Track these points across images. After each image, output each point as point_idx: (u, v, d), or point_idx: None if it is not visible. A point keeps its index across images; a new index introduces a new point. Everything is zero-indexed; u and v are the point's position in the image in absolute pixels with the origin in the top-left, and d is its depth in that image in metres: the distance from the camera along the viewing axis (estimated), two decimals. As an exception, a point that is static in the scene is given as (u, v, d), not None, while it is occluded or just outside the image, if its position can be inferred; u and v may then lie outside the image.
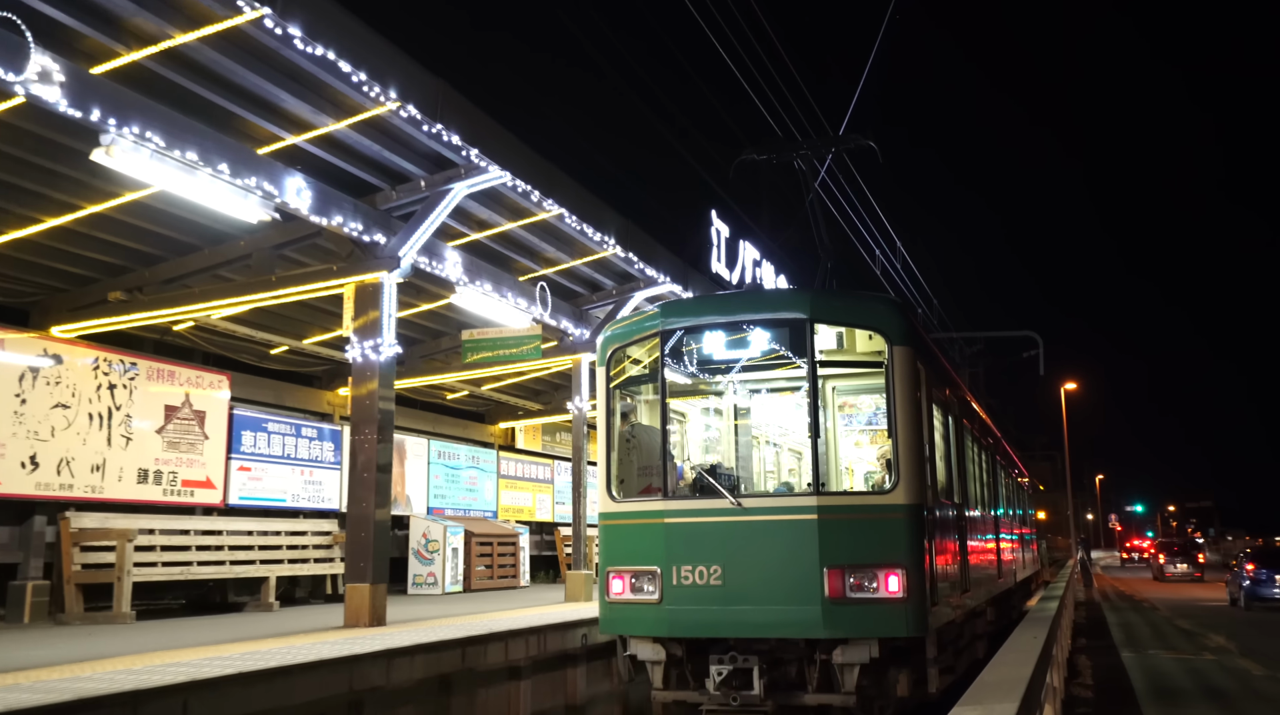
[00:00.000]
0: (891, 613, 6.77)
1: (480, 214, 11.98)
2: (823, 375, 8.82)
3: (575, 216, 12.00)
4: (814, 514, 6.92)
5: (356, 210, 10.16)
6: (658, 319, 7.67)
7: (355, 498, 10.07)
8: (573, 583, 14.58)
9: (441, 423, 19.85)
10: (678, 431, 9.61)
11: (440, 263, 11.63)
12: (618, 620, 7.47)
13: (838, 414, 9.95)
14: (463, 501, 19.75)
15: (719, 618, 7.01)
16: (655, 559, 7.16)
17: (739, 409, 9.70)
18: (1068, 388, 47.17)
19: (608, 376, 7.88)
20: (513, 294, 13.21)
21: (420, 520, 17.44)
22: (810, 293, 7.91)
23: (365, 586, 9.82)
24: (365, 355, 10.32)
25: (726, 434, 9.68)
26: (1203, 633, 17.74)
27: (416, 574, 17.21)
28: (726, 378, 9.22)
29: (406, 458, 18.02)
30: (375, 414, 10.19)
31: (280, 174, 9.17)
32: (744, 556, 7.00)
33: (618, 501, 7.61)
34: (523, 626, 10.03)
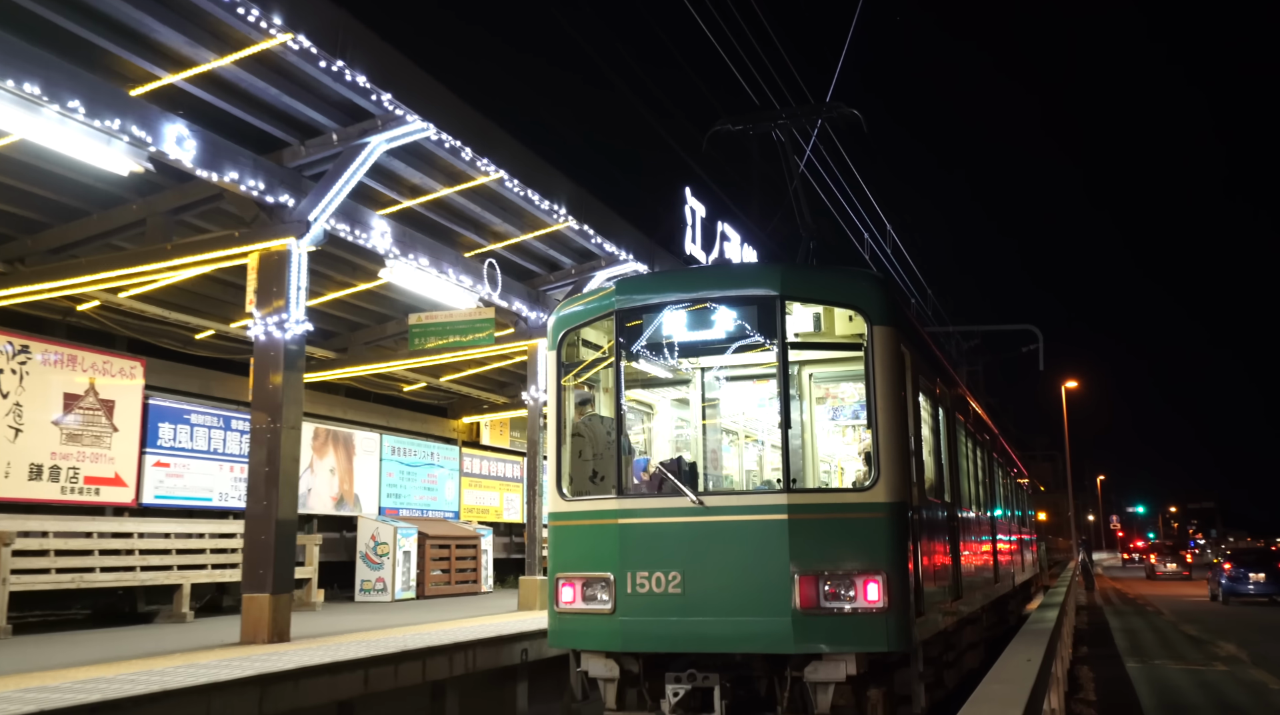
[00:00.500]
0: (871, 624, 6.12)
1: (411, 178, 10.74)
2: (799, 360, 8.27)
3: (518, 181, 10.78)
4: (784, 514, 6.26)
5: (257, 167, 8.92)
6: (612, 297, 6.96)
7: (255, 495, 8.86)
8: (526, 589, 13.37)
9: (397, 416, 18.62)
10: (644, 425, 9.05)
11: (365, 232, 10.40)
12: (567, 632, 6.79)
13: (820, 406, 9.27)
14: (420, 501, 18.51)
15: (678, 630, 6.34)
16: (608, 564, 6.50)
17: (707, 399, 8.94)
18: (1068, 386, 46.46)
19: (559, 362, 7.22)
20: (455, 271, 11.97)
21: (369, 521, 16.21)
22: (781, 266, 7.26)
23: (264, 597, 8.61)
24: (269, 332, 9.10)
25: (694, 426, 8.97)
26: (1211, 640, 16.73)
27: (364, 579, 15.99)
28: (691, 363, 8.49)
29: (355, 454, 16.79)
30: (279, 399, 8.96)
31: (156, 118, 7.94)
32: (707, 562, 6.34)
33: (568, 500, 6.94)
34: (446, 642, 8.84)
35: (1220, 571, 26.79)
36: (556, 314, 7.36)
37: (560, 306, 7.43)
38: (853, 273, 7.48)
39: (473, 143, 9.83)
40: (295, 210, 9.29)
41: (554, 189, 11.46)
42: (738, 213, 22.11)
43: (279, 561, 8.78)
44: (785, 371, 6.57)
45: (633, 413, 8.81)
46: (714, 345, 7.32)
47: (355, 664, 7.68)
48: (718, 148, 18.97)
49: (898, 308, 6.90)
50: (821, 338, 7.87)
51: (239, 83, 8.47)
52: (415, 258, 11.24)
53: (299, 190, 9.41)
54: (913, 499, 6.69)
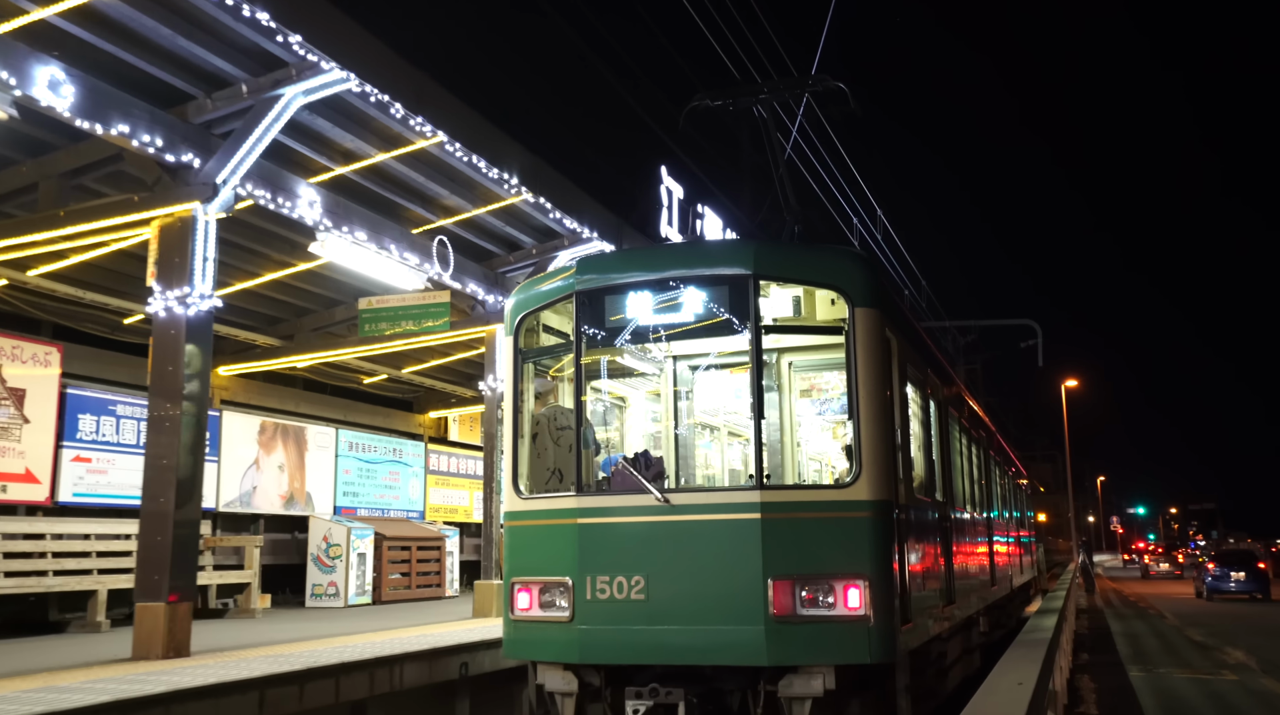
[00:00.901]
0: (851, 634, 5.73)
1: (342, 141, 9.76)
2: (777, 347, 7.88)
3: (460, 145, 9.78)
4: (756, 512, 5.86)
5: (154, 120, 7.93)
6: (572, 277, 6.52)
7: (151, 491, 7.87)
8: (481, 595, 12.41)
9: (357, 410, 17.62)
10: (616, 419, 8.73)
11: (291, 200, 9.40)
12: (523, 642, 6.35)
13: (806, 399, 8.92)
14: (380, 500, 17.53)
15: (642, 640, 5.92)
16: (566, 568, 6.10)
17: (680, 390, 8.47)
18: (1068, 385, 45.94)
19: (516, 349, 6.78)
20: (400, 247, 10.99)
21: (321, 521, 15.23)
22: (755, 244, 6.81)
23: (159, 607, 7.64)
24: (170, 309, 8.09)
25: (665, 419, 8.45)
26: (1218, 646, 16.01)
27: (316, 583, 15.01)
28: (662, 350, 8.02)
29: (308, 449, 15.79)
30: (180, 383, 7.95)
31: (23, 58, 6.95)
32: (673, 565, 5.93)
33: (525, 499, 6.53)
34: (368, 656, 7.87)
35: (1204, 570, 29.04)
36: (514, 297, 6.93)
37: (518, 289, 7.02)
38: (833, 250, 7.05)
39: (403, 98, 8.85)
40: (201, 172, 8.31)
41: (504, 156, 10.47)
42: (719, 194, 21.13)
43: (177, 566, 7.82)
44: (759, 357, 6.18)
45: (602, 405, 8.45)
46: (684, 330, 6.86)
47: (249, 684, 6.72)
48: (696, 125, 18.05)
49: (883, 289, 6.46)
50: (802, 323, 7.38)
51: (128, 23, 7.50)
52: (351, 231, 10.24)
53: (206, 149, 8.42)
54: (899, 497, 6.29)
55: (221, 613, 12.96)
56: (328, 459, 16.20)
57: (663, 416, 8.37)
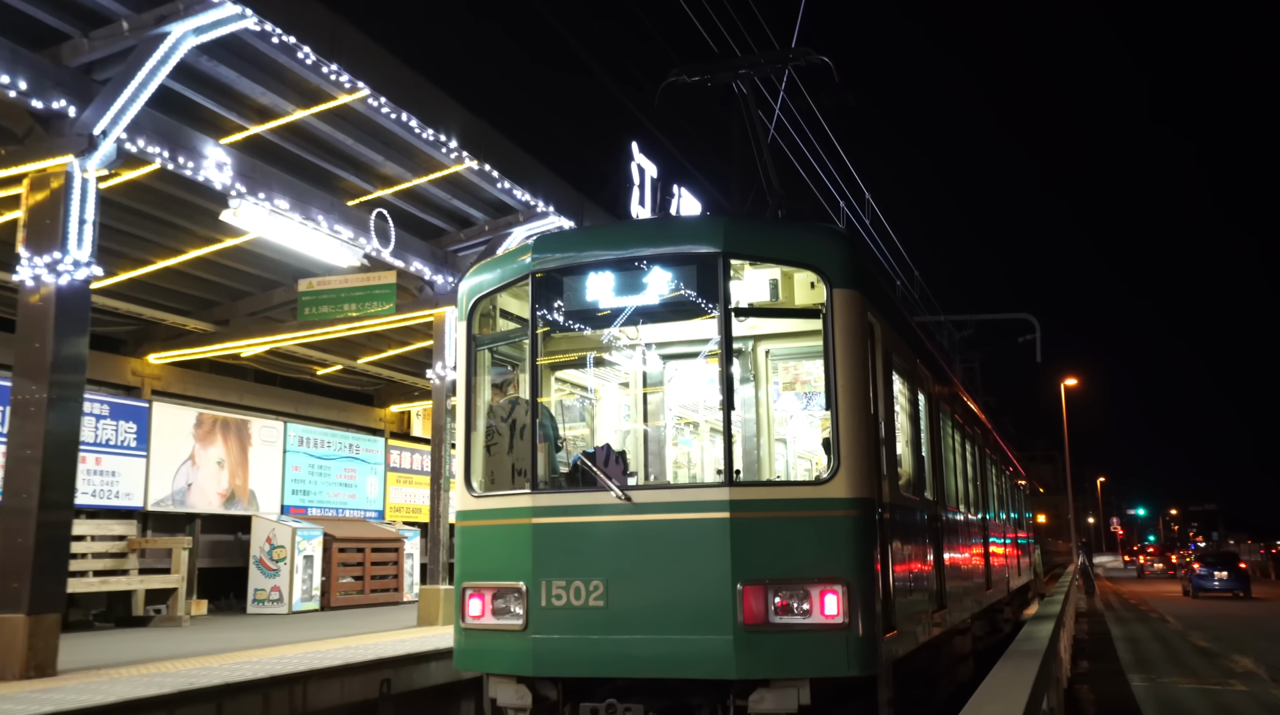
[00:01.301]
0: (829, 644, 5.38)
1: (254, 95, 8.78)
2: (753, 334, 7.42)
3: (387, 100, 8.78)
4: (725, 511, 5.51)
5: (16, 60, 6.94)
6: (528, 257, 6.16)
7: (13, 485, 6.86)
8: (426, 601, 11.43)
9: (310, 404, 16.63)
10: (587, 413, 8.39)
11: (195, 160, 8.41)
12: (474, 652, 5.99)
13: (790, 392, 8.64)
14: (335, 499, 16.52)
15: (601, 651, 5.57)
16: (520, 572, 5.77)
17: (649, 380, 8.02)
18: (1068, 384, 45.33)
19: (469, 335, 6.41)
20: (330, 219, 10.01)
21: (265, 521, 14.22)
22: (725, 219, 6.53)
23: (18, 619, 6.68)
24: (38, 277, 7.10)
25: (633, 412, 8.05)
26: (1224, 652, 15.15)
27: (258, 588, 14.02)
28: (625, 334, 7.51)
29: (252, 444, 14.78)
30: (48, 362, 6.96)
31: None
32: (635, 569, 5.60)
33: (477, 497, 6.16)
34: (263, 676, 6.87)
35: (1191, 570, 32.02)
36: (467, 279, 6.58)
37: (472, 270, 6.65)
38: (811, 227, 6.74)
39: (313, 41, 7.86)
40: (77, 121, 7.33)
41: (440, 116, 9.47)
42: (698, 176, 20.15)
43: (42, 572, 6.79)
44: (729, 342, 5.80)
45: (570, 398, 8.22)
46: (650, 314, 6.45)
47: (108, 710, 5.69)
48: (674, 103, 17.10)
49: (864, 269, 6.10)
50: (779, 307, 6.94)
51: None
52: (270, 198, 9.24)
53: (83, 96, 7.43)
54: (883, 494, 5.95)
55: (147, 621, 11.94)
56: (275, 455, 15.19)
57: (634, 409, 7.93)
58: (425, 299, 12.20)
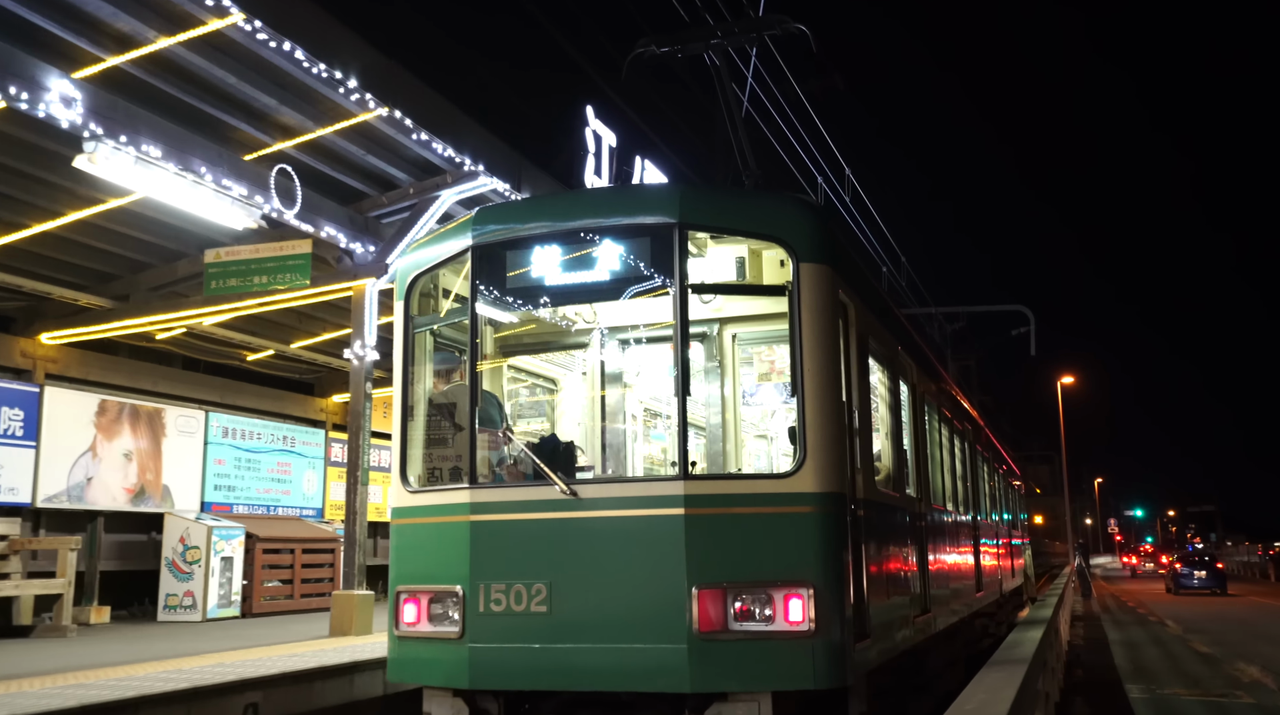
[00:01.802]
0: (793, 653, 5.00)
1: (114, 21, 7.58)
2: (719, 317, 7.07)
3: (263, 25, 7.58)
4: (679, 507, 5.17)
5: None
6: (468, 230, 5.90)
7: None
8: (339, 609, 10.29)
9: (241, 392, 15.42)
10: (547, 404, 8.06)
11: (35, 93, 7.22)
12: (408, 663, 5.64)
13: (767, 383, 8.18)
14: (266, 496, 15.33)
15: (544, 661, 5.21)
16: (457, 575, 5.44)
17: (607, 367, 7.60)
18: (1065, 382, 44.67)
19: (407, 316, 6.06)
20: (218, 173, 8.83)
21: (179, 520, 13.04)
22: (682, 187, 6.26)
23: None
24: None
25: (590, 401, 7.66)
26: (1227, 659, 14.42)
27: (170, 593, 12.85)
28: (580, 316, 7.21)
29: (166, 435, 13.58)
30: None
31: None
32: (581, 571, 5.27)
33: (413, 492, 5.86)
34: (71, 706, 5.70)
35: (1174, 570, 36.84)
36: (406, 255, 6.35)
37: (412, 246, 6.38)
38: (777, 196, 6.38)
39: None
40: None
41: (334, 48, 8.34)
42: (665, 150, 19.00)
43: None
44: (684, 321, 5.46)
45: (525, 388, 7.87)
46: (605, 293, 6.05)
47: None
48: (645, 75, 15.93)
49: (835, 243, 5.78)
50: None
51: None
52: (136, 144, 8.03)
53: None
54: (856, 489, 5.70)
55: (30, 631, 10.72)
56: (194, 447, 14.00)
57: (589, 399, 7.58)
58: (344, 270, 11.05)
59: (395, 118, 9.41)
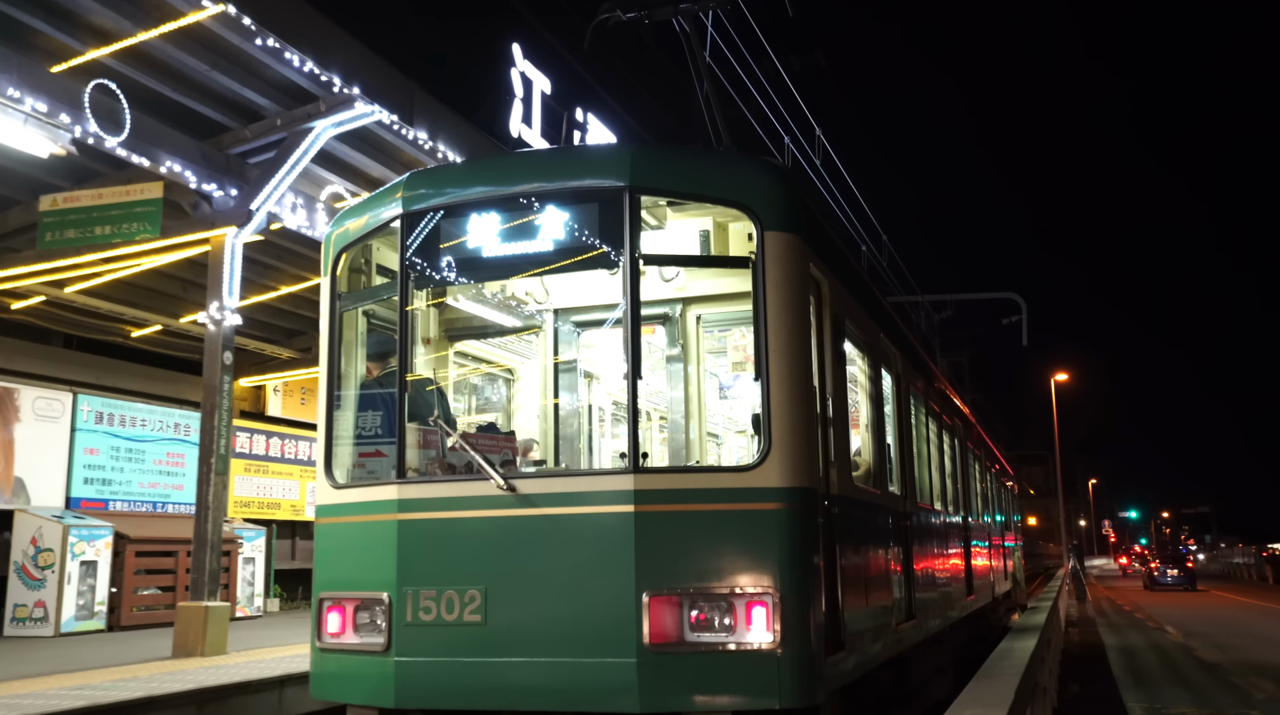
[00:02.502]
0: (756, 668, 4.57)
1: None
2: (681, 297, 6.44)
3: None
4: (628, 503, 4.72)
5: None
6: (397, 195, 5.39)
7: None
8: (184, 623, 8.65)
9: (120, 372, 13.71)
10: (504, 393, 7.44)
11: None
12: (331, 678, 5.18)
13: (743, 372, 7.87)
14: (153, 491, 13.70)
15: (476, 677, 4.76)
16: (383, 580, 4.97)
17: (561, 351, 7.02)
18: (1059, 379, 43.32)
19: (333, 293, 5.56)
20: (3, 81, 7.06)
21: (31, 518, 11.28)
22: (633, 148, 5.59)
23: None
24: None
25: (543, 388, 7.06)
26: (1237, 671, 13.17)
27: (18, 604, 11.27)
28: (530, 295, 6.67)
29: (19, 420, 11.88)
30: None
31: None
32: (520, 575, 4.81)
33: (339, 488, 5.37)
34: None
35: (1149, 569, 42.79)
36: (333, 225, 5.84)
37: (340, 214, 5.91)
38: (739, 157, 6.11)
39: None
40: None
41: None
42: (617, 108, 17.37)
43: None
44: (635, 296, 4.96)
45: (480, 378, 7.42)
46: (551, 265, 5.43)
47: None
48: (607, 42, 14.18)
49: (804, 211, 5.30)
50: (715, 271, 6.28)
51: None
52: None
53: None
54: (830, 485, 5.34)
55: None
56: (58, 434, 12.30)
57: (541, 386, 7.06)
58: (202, 217, 9.43)
59: (239, 21, 7.73)
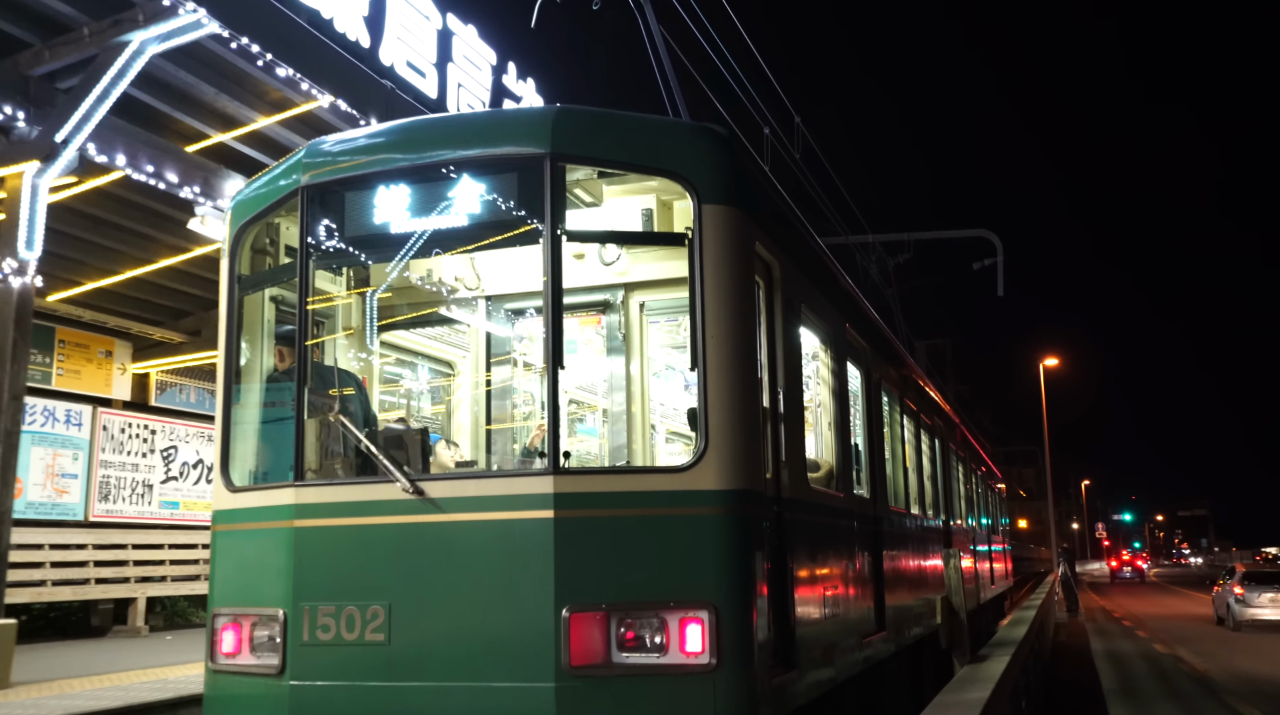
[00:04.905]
0: (690, 692, 4.39)
1: None
2: (625, 283, 6.35)
3: None
4: (547, 508, 4.53)
5: None
6: (299, 167, 5.26)
7: None
8: None
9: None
10: (444, 392, 7.27)
11: None
12: (224, 702, 5.06)
13: None
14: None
15: (379, 704, 4.61)
16: (278, 595, 4.82)
17: (493, 343, 6.85)
18: (1048, 363, 42.36)
19: (233, 275, 5.43)
20: None
21: None
22: (555, 110, 5.24)
23: None
24: None
25: (475, 387, 6.88)
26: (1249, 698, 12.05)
27: None
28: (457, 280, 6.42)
29: None
30: None
31: None
32: (427, 590, 4.65)
33: (236, 492, 5.27)
34: None
35: (1122, 569, 70.63)
36: (234, 200, 5.69)
37: (241, 190, 5.69)
38: (674, 122, 6.07)
39: None
40: None
41: None
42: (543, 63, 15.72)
43: None
44: (557, 275, 4.79)
45: (410, 371, 7.15)
46: (461, 241, 5.19)
47: None
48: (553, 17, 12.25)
49: (752, 183, 5.16)
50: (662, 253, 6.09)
51: None
52: None
53: None
54: (779, 487, 5.22)
55: None
56: None
57: (472, 382, 6.87)
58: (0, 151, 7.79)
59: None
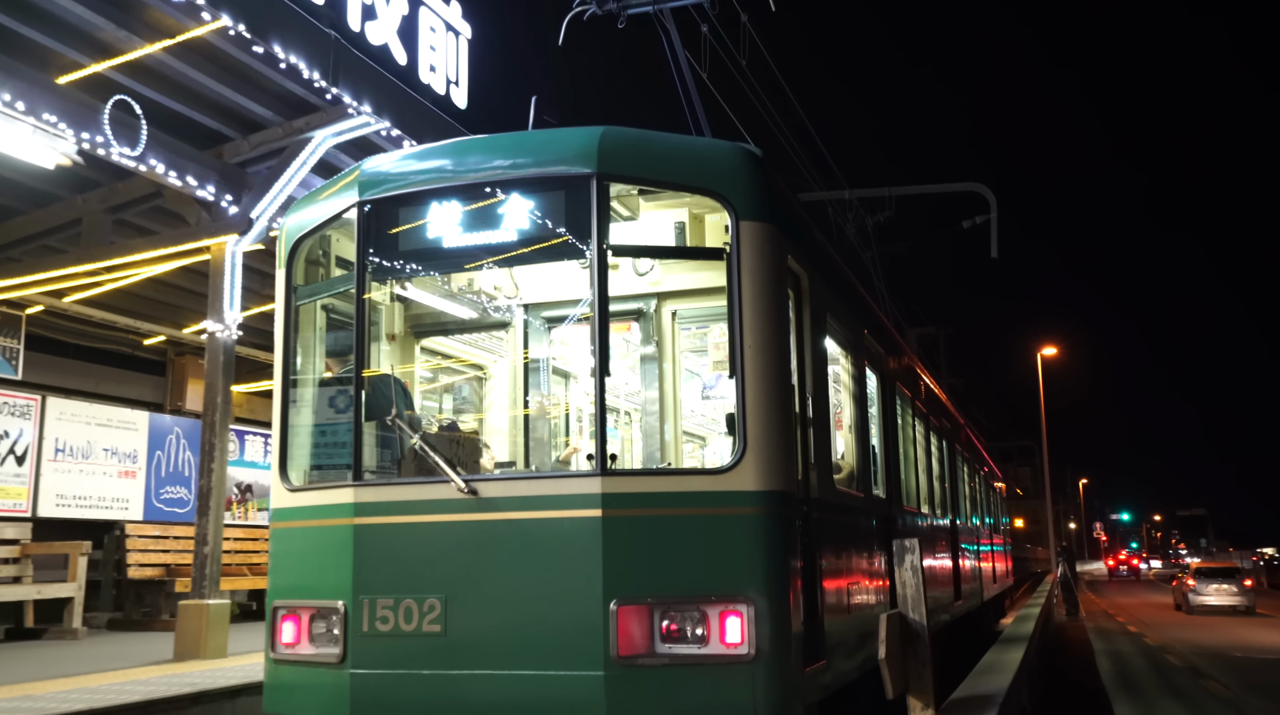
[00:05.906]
0: (730, 681, 4.66)
1: None
2: (657, 292, 6.57)
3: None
4: (596, 508, 4.80)
5: None
6: (354, 184, 5.43)
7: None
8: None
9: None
10: (475, 394, 7.51)
11: None
12: (284, 690, 5.26)
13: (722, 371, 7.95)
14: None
15: (435, 692, 4.85)
16: (338, 588, 5.04)
17: (531, 351, 7.16)
18: (1045, 353, 40.52)
19: (289, 286, 5.64)
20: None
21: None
22: (601, 131, 5.41)
23: None
24: None
25: (513, 389, 7.21)
26: None
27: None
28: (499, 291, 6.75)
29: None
30: None
31: None
32: (482, 584, 4.88)
33: (294, 491, 5.48)
34: None
35: (1109, 568, 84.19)
36: (289, 216, 5.98)
37: (295, 204, 6.08)
38: (712, 142, 6.08)
39: None
40: None
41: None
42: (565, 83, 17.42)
43: None
44: (604, 289, 5.05)
45: (448, 375, 7.44)
46: (518, 258, 5.51)
47: None
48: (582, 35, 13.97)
49: (784, 201, 5.49)
50: (691, 263, 6.30)
51: None
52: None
53: None
54: (810, 488, 5.47)
55: None
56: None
57: (510, 385, 7.20)
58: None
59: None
